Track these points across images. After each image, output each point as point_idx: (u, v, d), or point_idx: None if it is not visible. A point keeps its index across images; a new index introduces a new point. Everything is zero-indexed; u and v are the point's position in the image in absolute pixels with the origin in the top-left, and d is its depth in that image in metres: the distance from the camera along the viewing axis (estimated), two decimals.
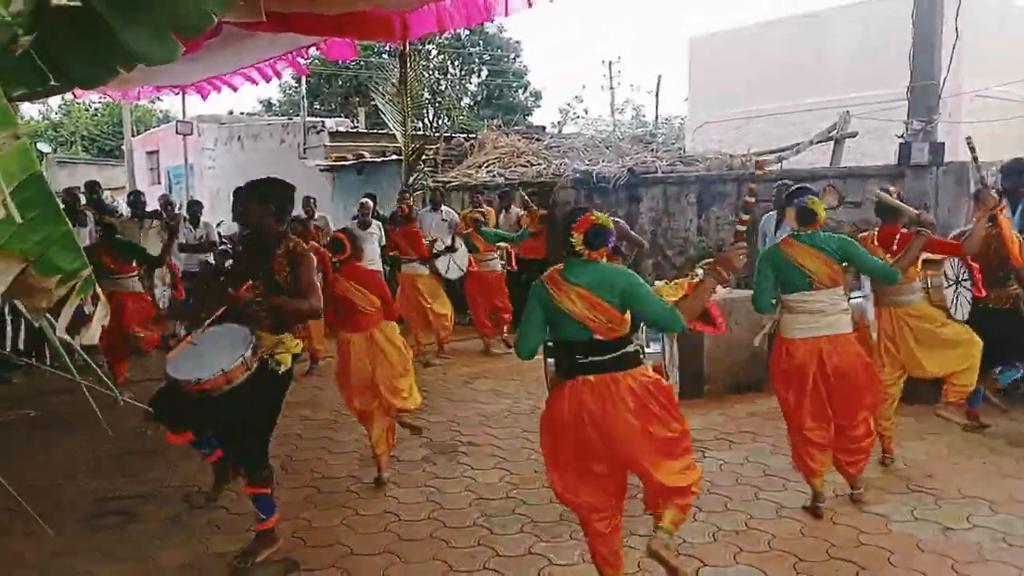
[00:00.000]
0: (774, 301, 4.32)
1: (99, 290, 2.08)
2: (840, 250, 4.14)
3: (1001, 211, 5.07)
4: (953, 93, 10.93)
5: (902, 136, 7.18)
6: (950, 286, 4.96)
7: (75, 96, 12.19)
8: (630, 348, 3.19)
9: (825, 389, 4.15)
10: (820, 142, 11.11)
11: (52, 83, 2.26)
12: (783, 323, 4.30)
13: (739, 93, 15.73)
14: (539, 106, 34.39)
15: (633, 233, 6.77)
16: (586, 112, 31.39)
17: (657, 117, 22.19)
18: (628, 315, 3.19)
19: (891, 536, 3.96)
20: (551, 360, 3.76)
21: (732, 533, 4.01)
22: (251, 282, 3.71)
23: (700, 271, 7.26)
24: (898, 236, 4.72)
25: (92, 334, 2.27)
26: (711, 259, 7.77)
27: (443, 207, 10.51)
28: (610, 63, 33.44)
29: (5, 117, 1.72)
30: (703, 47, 17.68)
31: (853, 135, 10.82)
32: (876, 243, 4.78)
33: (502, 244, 8.95)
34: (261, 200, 3.83)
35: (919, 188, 6.85)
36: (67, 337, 2.16)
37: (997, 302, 5.24)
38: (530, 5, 5.68)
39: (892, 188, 5.00)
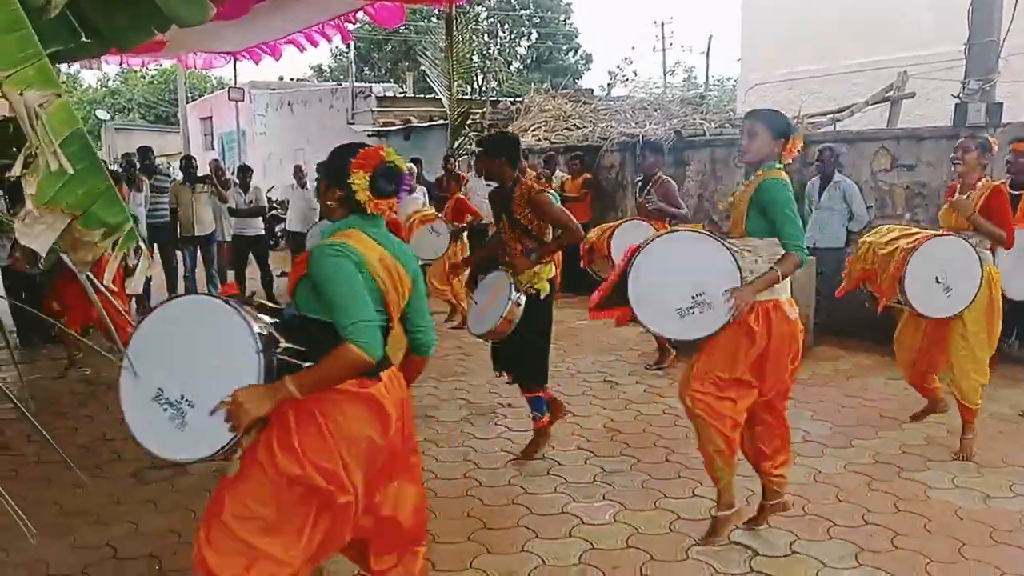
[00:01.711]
0: None
1: (142, 243, 2.14)
2: None
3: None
4: (1015, 51, 10.47)
5: (958, 96, 6.92)
6: None
7: (125, 62, 12.43)
8: None
9: None
10: (876, 103, 10.77)
11: (85, 40, 2.31)
12: None
13: (793, 53, 15.26)
14: (589, 69, 34.08)
15: (678, 202, 6.55)
16: (636, 74, 30.92)
17: (708, 78, 21.76)
18: None
19: (929, 503, 3.90)
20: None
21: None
22: (498, 224, 4.53)
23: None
24: None
25: (136, 284, 2.34)
26: None
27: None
28: (662, 24, 32.86)
29: (46, 76, 1.77)
30: (756, 5, 17.19)
31: (910, 96, 10.46)
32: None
33: None
34: (493, 155, 4.36)
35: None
36: (113, 287, 2.22)
37: None
38: None
39: (993, 140, 4.69)
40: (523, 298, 4.32)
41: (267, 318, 2.37)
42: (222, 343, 2.26)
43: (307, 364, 2.27)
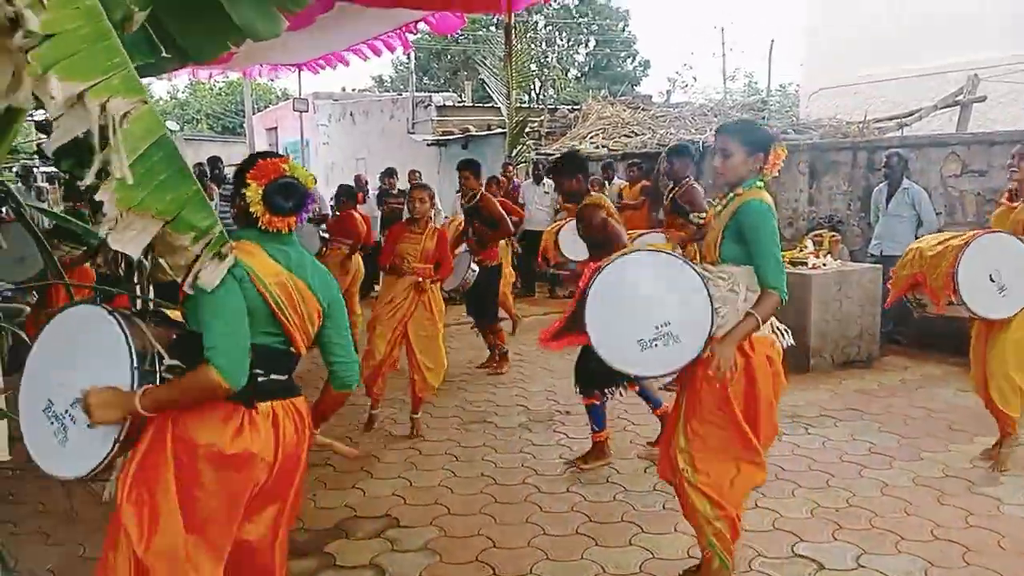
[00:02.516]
0: None
1: (231, 243, 2.18)
2: None
3: None
4: None
5: None
6: None
7: (193, 74, 12.79)
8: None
9: None
10: (945, 107, 10.50)
11: (164, 55, 2.40)
12: None
13: (858, 56, 14.93)
14: (647, 75, 33.86)
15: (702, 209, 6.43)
16: (695, 80, 30.63)
17: (769, 83, 21.45)
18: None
19: (1003, 519, 3.78)
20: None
21: (832, 510, 3.91)
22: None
23: (809, 243, 7.09)
24: None
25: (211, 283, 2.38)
26: (821, 231, 7.52)
27: (545, 180, 10.54)
28: (722, 29, 32.52)
29: (133, 85, 1.85)
30: (820, 9, 16.90)
31: (981, 99, 10.17)
32: None
33: None
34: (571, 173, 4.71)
35: None
36: (191, 292, 2.22)
37: None
38: None
39: None
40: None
41: (163, 332, 2.23)
42: (103, 355, 2.12)
43: None
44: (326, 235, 8.23)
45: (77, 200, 6.98)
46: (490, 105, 16.01)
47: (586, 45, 34.00)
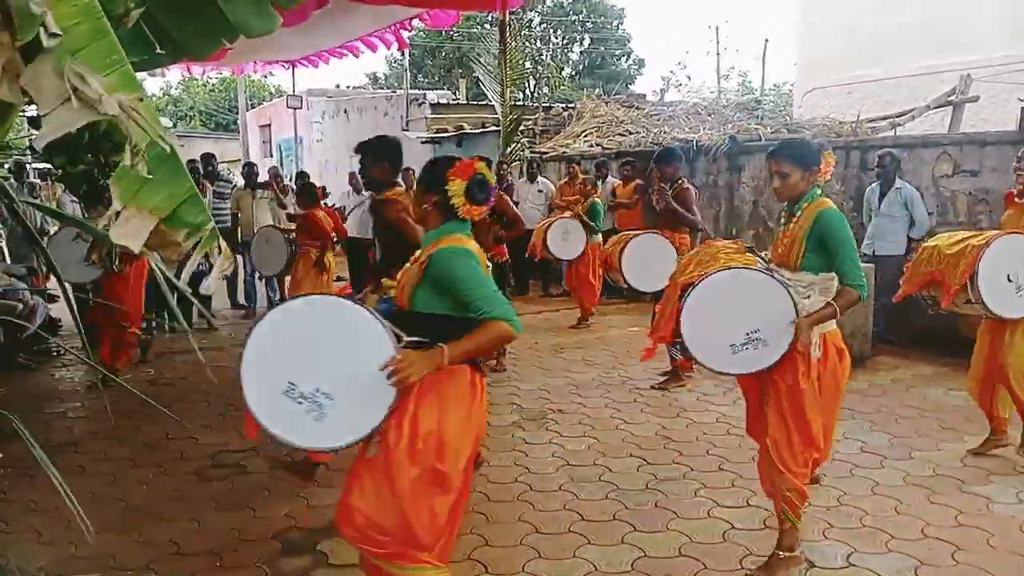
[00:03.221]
0: None
1: (223, 243, 2.20)
2: None
3: None
4: None
5: (1023, 100, 6.74)
6: None
7: (188, 70, 12.74)
8: None
9: None
10: (938, 107, 10.53)
11: (159, 52, 2.40)
12: None
13: (851, 57, 14.98)
14: (641, 74, 34.01)
15: (692, 210, 6.43)
16: (689, 79, 30.66)
17: (763, 83, 21.48)
18: None
19: (992, 517, 3.80)
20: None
21: (823, 508, 3.93)
22: None
23: None
24: None
25: (211, 284, 2.41)
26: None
27: (539, 178, 10.54)
28: (716, 28, 32.59)
29: (130, 81, 1.84)
30: (814, 9, 16.94)
31: (974, 100, 10.20)
32: None
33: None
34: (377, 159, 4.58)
35: None
36: (187, 289, 2.28)
37: None
38: None
39: None
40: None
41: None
42: (358, 340, 2.47)
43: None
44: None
45: (75, 193, 6.96)
46: (484, 103, 15.98)
47: (581, 43, 34.04)
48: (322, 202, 10.90)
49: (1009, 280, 4.22)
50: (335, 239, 7.99)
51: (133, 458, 4.80)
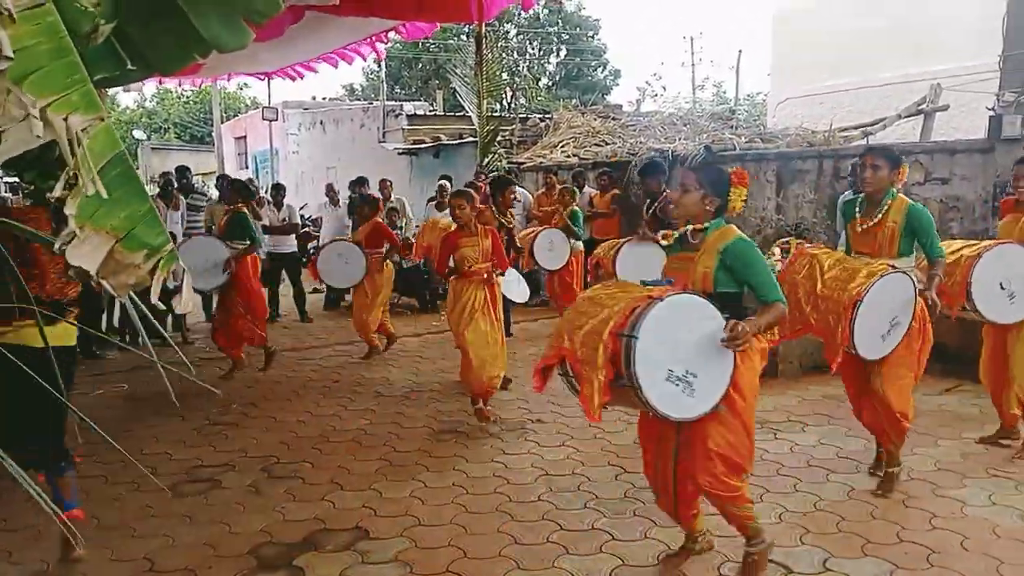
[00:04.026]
0: None
1: (182, 263, 2.19)
2: None
3: None
4: None
5: (993, 109, 6.84)
6: None
7: (160, 83, 12.66)
8: None
9: None
10: (909, 116, 10.69)
11: (130, 68, 2.38)
12: None
13: (824, 67, 15.18)
14: (617, 84, 34.13)
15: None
16: (664, 90, 30.94)
17: (737, 93, 21.69)
18: None
19: (966, 520, 3.85)
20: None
21: (799, 514, 3.96)
22: None
23: (777, 251, 7.18)
24: None
25: (185, 302, 2.39)
26: (788, 238, 7.65)
27: (517, 188, 10.53)
28: (691, 39, 32.85)
29: (91, 101, 1.83)
30: (786, 18, 17.16)
31: (944, 108, 10.37)
32: None
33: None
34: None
35: (1009, 163, 6.53)
36: (161, 305, 2.27)
37: None
38: None
39: None
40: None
41: None
42: (702, 323, 3.02)
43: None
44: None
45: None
46: (461, 114, 16.00)
47: (557, 54, 34.18)
48: (300, 212, 10.86)
49: (1002, 288, 4.43)
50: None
51: (107, 475, 4.74)
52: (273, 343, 7.57)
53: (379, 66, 25.34)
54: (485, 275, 5.59)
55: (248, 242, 6.99)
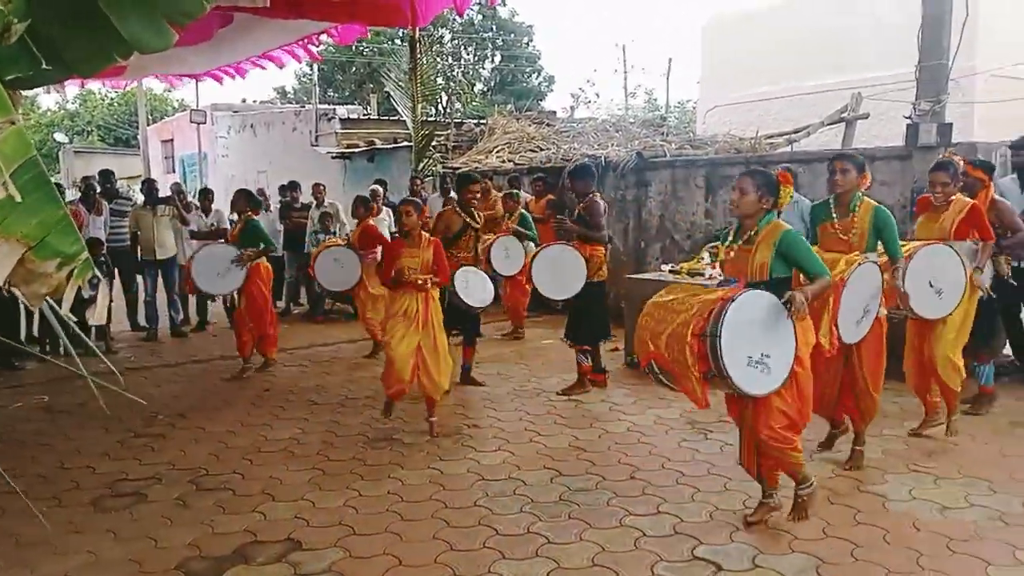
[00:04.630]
0: None
1: (98, 272, 2.12)
2: None
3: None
4: (965, 73, 10.80)
5: (910, 117, 7.11)
6: None
7: (82, 85, 12.27)
8: None
9: None
10: (831, 124, 11.04)
11: (45, 68, 2.30)
12: None
13: (751, 75, 15.60)
14: (552, 91, 34.36)
15: (598, 223, 6.46)
16: (598, 96, 31.31)
17: (668, 100, 22.09)
18: None
19: (888, 515, 3.98)
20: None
21: (730, 512, 4.05)
22: None
23: (706, 255, 7.33)
24: None
25: (100, 313, 2.32)
26: (717, 243, 7.79)
27: (452, 193, 10.51)
28: (623, 47, 33.35)
29: (1, 103, 1.76)
30: (715, 28, 17.56)
31: (864, 116, 10.74)
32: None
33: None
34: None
35: (926, 169, 6.80)
36: (72, 317, 2.20)
37: None
38: None
39: (956, 158, 5.27)
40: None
41: None
42: (767, 311, 3.51)
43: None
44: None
45: None
46: (396, 118, 15.89)
47: (492, 60, 34.30)
48: (230, 216, 10.65)
49: (931, 285, 4.69)
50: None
51: (26, 489, 4.54)
52: (202, 352, 7.39)
53: (311, 69, 25.00)
54: (419, 283, 5.45)
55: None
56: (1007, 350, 6.41)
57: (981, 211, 5.03)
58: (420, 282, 5.42)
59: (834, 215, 4.54)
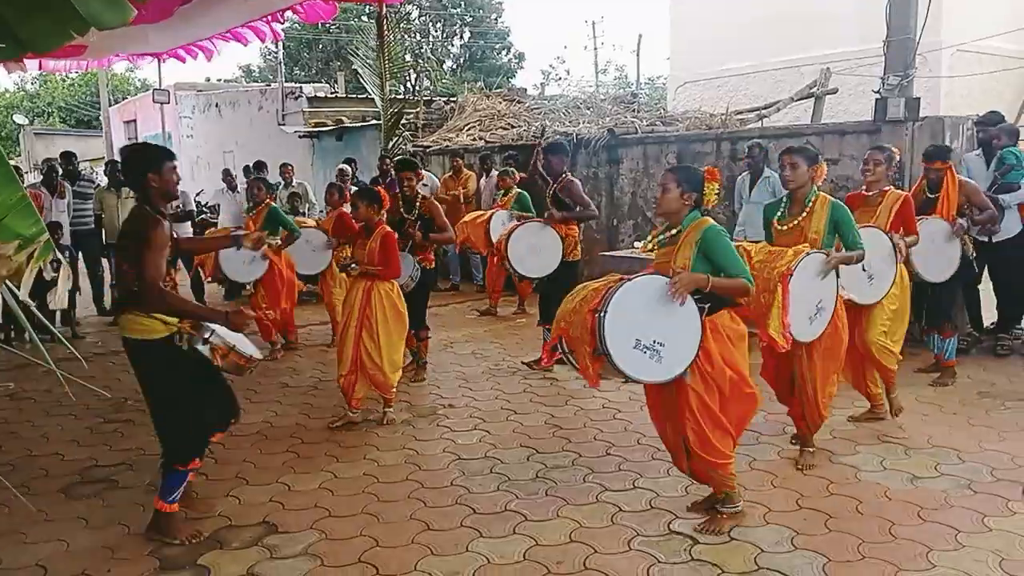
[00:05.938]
0: None
1: (59, 255, 2.07)
2: None
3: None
4: (931, 48, 10.88)
5: (878, 92, 7.16)
6: None
7: (40, 68, 11.95)
8: None
9: None
10: (800, 99, 11.08)
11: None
12: None
13: (721, 51, 15.60)
14: (522, 68, 34.22)
15: (583, 200, 6.49)
16: (568, 73, 31.17)
17: (639, 77, 22.05)
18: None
19: (860, 486, 4.04)
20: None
21: (704, 487, 4.07)
22: None
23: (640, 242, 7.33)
24: None
25: (60, 299, 2.26)
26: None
27: (423, 171, 10.42)
28: (593, 23, 33.19)
29: None
30: (683, 5, 17.51)
31: (833, 91, 10.80)
32: None
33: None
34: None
35: (894, 143, 6.85)
36: (30, 301, 2.14)
37: None
38: None
39: (895, 149, 5.23)
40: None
41: None
42: (663, 298, 3.33)
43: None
44: None
45: None
46: (364, 96, 15.67)
47: (461, 37, 33.99)
48: (196, 198, 10.45)
49: (864, 270, 4.59)
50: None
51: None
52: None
53: (277, 47, 24.59)
54: (350, 270, 5.41)
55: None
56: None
57: (911, 204, 5.02)
58: (352, 269, 5.37)
59: (788, 215, 4.27)
